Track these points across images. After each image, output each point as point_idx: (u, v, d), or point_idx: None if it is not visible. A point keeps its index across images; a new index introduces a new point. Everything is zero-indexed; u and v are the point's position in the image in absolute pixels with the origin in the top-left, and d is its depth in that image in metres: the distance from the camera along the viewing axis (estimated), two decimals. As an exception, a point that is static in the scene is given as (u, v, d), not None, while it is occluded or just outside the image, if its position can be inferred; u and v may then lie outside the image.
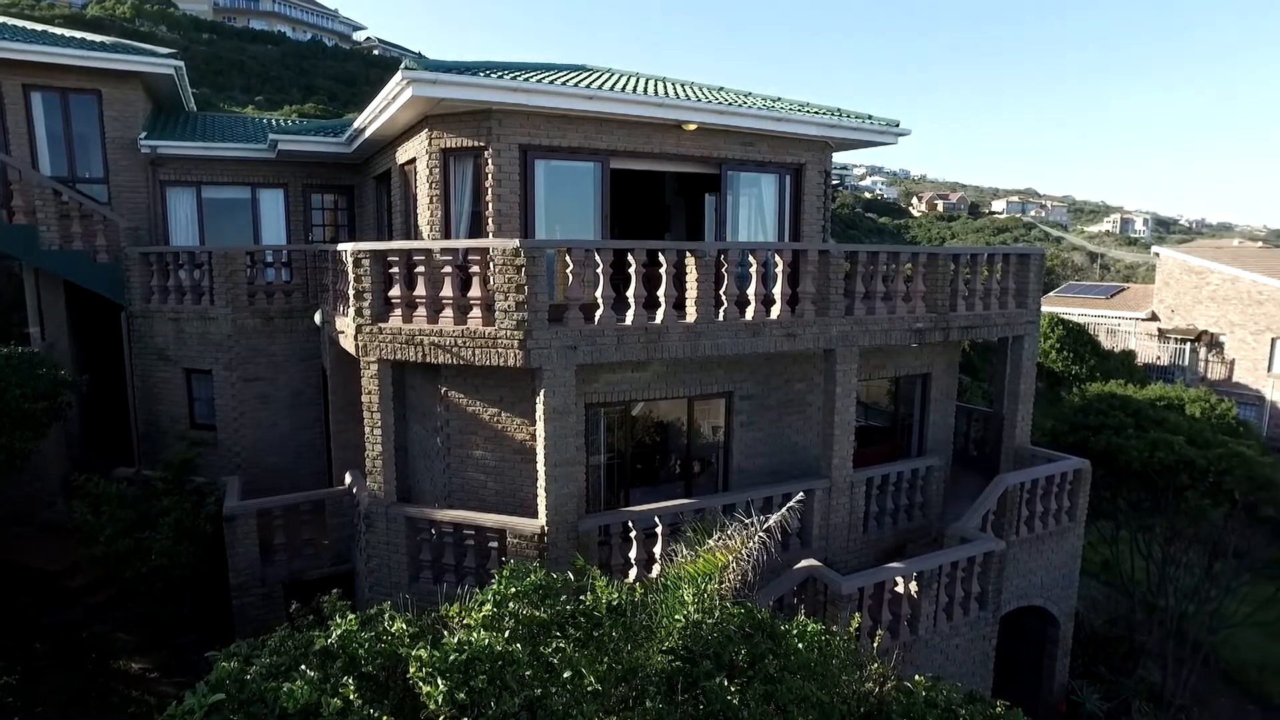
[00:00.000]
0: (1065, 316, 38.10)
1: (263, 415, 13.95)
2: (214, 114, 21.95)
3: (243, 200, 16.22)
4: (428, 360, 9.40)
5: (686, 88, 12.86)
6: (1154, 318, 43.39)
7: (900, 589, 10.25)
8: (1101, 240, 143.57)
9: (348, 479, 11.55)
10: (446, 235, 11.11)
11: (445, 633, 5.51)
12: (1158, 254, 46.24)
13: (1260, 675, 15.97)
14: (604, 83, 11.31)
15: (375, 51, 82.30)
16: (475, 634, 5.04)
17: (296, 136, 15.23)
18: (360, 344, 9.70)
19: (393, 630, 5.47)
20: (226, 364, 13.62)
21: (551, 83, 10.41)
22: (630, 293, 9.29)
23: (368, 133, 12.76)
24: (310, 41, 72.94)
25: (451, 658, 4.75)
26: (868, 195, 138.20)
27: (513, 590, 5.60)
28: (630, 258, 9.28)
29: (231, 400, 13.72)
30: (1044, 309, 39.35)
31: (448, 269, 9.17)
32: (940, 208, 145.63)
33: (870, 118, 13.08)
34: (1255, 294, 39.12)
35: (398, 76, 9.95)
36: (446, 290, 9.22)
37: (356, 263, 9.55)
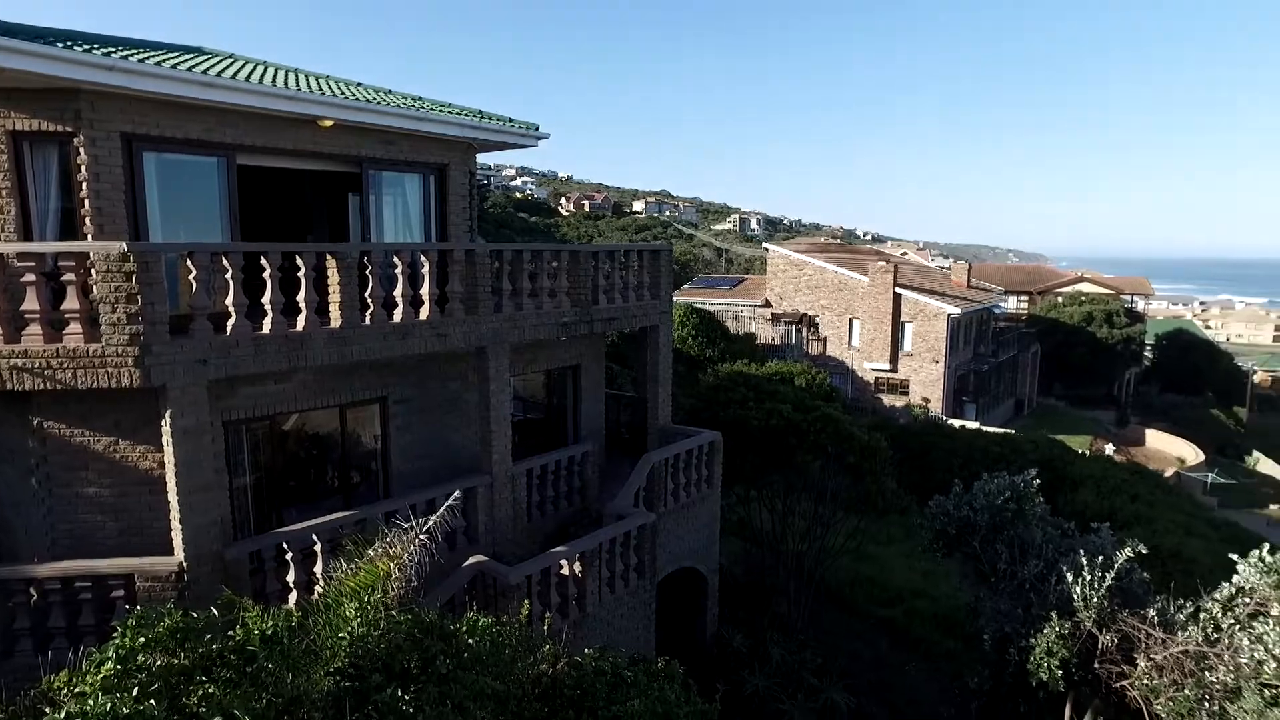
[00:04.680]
0: (698, 306, 42.69)
1: None
2: None
3: None
4: (9, 388, 7.87)
5: (322, 81, 12.18)
6: (768, 304, 50.42)
7: (566, 571, 10.80)
8: (725, 237, 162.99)
9: (-99, 543, 9.25)
10: (26, 236, 9.34)
11: (49, 710, 4.70)
12: (768, 249, 53.94)
13: (851, 591, 19.55)
14: (224, 69, 10.28)
15: (-93, 7, 65.65)
16: (93, 700, 4.40)
17: None
18: (-93, 374, 7.82)
19: (-30, 721, 4.55)
20: None
21: (160, 64, 9.21)
22: (267, 299, 8.65)
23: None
24: None
25: (60, 734, 4.10)
26: (519, 195, 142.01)
27: (142, 640, 4.96)
28: (265, 261, 8.63)
29: None
30: (679, 300, 43.92)
31: (31, 277, 7.76)
32: (587, 207, 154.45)
33: (511, 120, 13.48)
34: (838, 283, 47.42)
35: (-59, 42, 8.13)
36: (31, 303, 7.80)
37: (-106, 273, 7.67)
